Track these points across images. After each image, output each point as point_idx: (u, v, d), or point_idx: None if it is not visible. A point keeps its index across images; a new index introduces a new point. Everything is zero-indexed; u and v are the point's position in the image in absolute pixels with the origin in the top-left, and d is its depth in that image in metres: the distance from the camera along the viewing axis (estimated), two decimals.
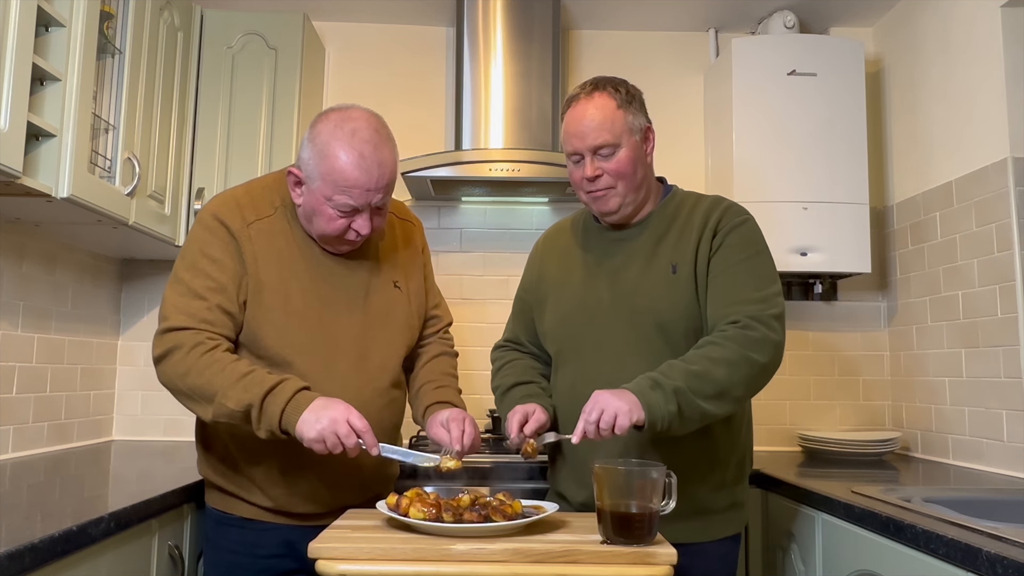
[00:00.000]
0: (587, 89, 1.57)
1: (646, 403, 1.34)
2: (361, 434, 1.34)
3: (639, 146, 1.57)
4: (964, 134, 2.30)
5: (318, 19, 2.82)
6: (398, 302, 1.64)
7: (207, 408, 1.40)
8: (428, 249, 1.80)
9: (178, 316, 1.44)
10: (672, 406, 1.34)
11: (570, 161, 1.59)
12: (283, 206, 1.58)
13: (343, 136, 1.46)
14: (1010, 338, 2.08)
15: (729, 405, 1.42)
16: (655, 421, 1.34)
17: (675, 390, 1.35)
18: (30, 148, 1.63)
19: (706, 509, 1.52)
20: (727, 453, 1.56)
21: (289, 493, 1.52)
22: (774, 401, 2.74)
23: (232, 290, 1.48)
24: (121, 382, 2.67)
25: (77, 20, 1.73)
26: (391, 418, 1.62)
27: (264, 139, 2.45)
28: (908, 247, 2.60)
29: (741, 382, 1.41)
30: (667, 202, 1.64)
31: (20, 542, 1.09)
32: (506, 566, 1.14)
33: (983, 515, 1.43)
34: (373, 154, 1.46)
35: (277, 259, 1.52)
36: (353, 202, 1.46)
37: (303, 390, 1.38)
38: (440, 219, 2.80)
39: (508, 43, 2.64)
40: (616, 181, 1.54)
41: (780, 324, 1.47)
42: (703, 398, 1.37)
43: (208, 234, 1.51)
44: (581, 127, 1.54)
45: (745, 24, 2.86)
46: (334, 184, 1.45)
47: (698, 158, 2.86)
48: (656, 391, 1.35)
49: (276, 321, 1.50)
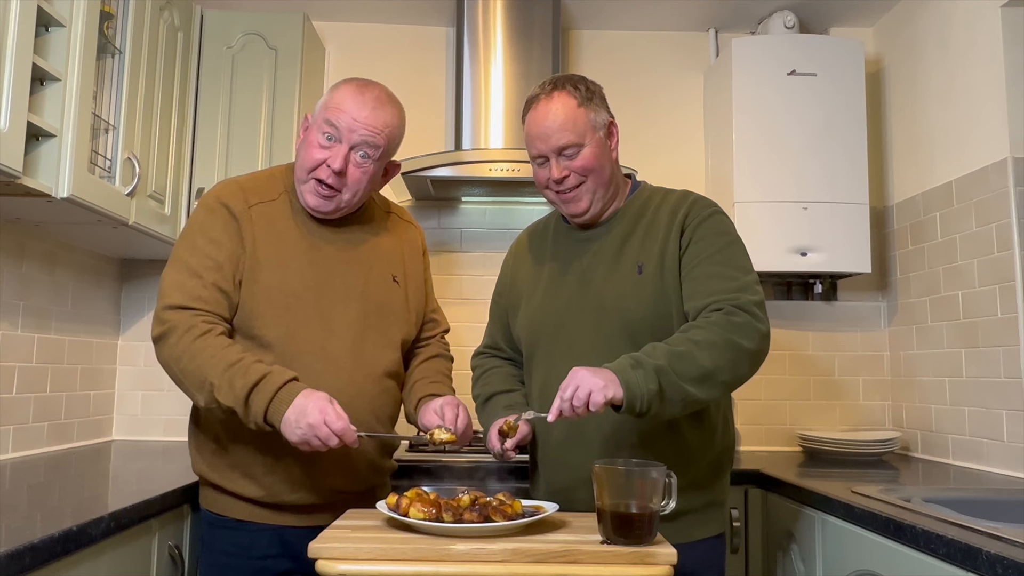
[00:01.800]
0: (546, 89, 1.54)
1: (624, 381, 1.30)
2: (340, 434, 1.34)
3: (603, 142, 1.54)
4: (964, 134, 2.30)
5: (318, 19, 2.83)
6: (396, 295, 1.65)
7: (199, 395, 1.42)
8: (428, 256, 1.81)
9: (174, 294, 1.47)
10: (653, 385, 1.31)
11: (534, 164, 1.57)
12: (287, 192, 1.61)
13: (355, 81, 1.58)
14: (1010, 338, 2.08)
15: (714, 390, 1.38)
16: (634, 400, 1.30)
17: (656, 369, 1.32)
18: (30, 148, 1.63)
19: (680, 510, 1.43)
20: (699, 452, 1.52)
21: (280, 479, 1.51)
22: (774, 401, 2.74)
23: (228, 269, 1.50)
24: (121, 382, 2.67)
25: (77, 20, 1.73)
26: (385, 408, 1.61)
27: (264, 139, 2.45)
28: (908, 247, 2.60)
29: (727, 366, 1.38)
30: (633, 200, 1.61)
31: (20, 542, 1.09)
32: (506, 566, 1.14)
33: (983, 515, 1.43)
34: (374, 99, 1.54)
35: (277, 240, 1.55)
36: (335, 122, 1.51)
37: (287, 384, 1.38)
38: (440, 219, 2.80)
39: (508, 43, 2.64)
40: (584, 177, 1.52)
41: (763, 312, 1.44)
42: (686, 380, 1.33)
43: (208, 214, 1.54)
44: (543, 128, 1.51)
45: (745, 24, 2.86)
46: (327, 107, 1.53)
47: (698, 158, 2.86)
48: (637, 370, 1.32)
49: (273, 299, 1.51)
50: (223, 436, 1.53)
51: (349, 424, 1.36)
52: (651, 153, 2.81)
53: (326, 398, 1.37)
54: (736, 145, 2.57)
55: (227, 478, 1.54)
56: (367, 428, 1.50)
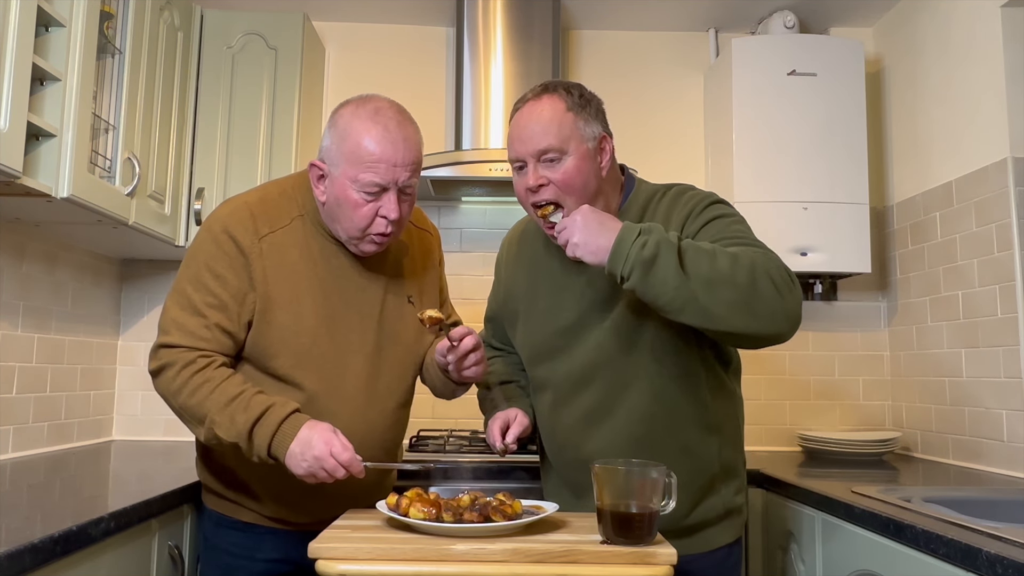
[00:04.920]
0: (536, 91, 1.44)
1: (619, 238, 1.23)
2: (346, 466, 1.32)
3: (590, 156, 1.40)
4: (964, 134, 2.30)
5: (318, 19, 2.82)
6: (410, 318, 1.58)
7: (199, 430, 1.40)
8: (444, 261, 1.75)
9: (175, 332, 1.42)
10: (648, 252, 1.21)
11: (514, 171, 1.44)
12: (301, 215, 1.51)
13: (365, 115, 1.42)
14: (1010, 338, 2.08)
15: (716, 304, 1.22)
16: (616, 261, 1.23)
17: (659, 242, 1.22)
18: (30, 148, 1.63)
19: (699, 521, 1.45)
20: (714, 461, 1.48)
21: (287, 505, 1.51)
22: (774, 401, 2.74)
23: (233, 308, 1.43)
24: (121, 382, 2.67)
25: (77, 20, 1.73)
26: (394, 438, 1.59)
27: (264, 139, 2.45)
28: (908, 247, 2.60)
29: (745, 285, 1.23)
30: (629, 204, 1.50)
31: (20, 542, 1.09)
32: (506, 566, 1.14)
33: (983, 515, 1.43)
34: (398, 129, 1.41)
35: (290, 274, 1.47)
36: (379, 179, 1.39)
37: (290, 416, 1.36)
38: (440, 219, 2.80)
39: (508, 43, 2.64)
40: (562, 195, 1.38)
41: (799, 289, 1.31)
42: (693, 275, 1.21)
43: (215, 247, 1.45)
44: (524, 130, 1.39)
45: (745, 24, 2.86)
46: (359, 161, 1.39)
47: (698, 158, 2.86)
48: (642, 235, 1.23)
49: (287, 340, 1.45)
50: (228, 456, 1.50)
51: (355, 455, 1.33)
52: (651, 153, 2.81)
53: (330, 429, 1.35)
54: (736, 145, 2.57)
55: (232, 490, 1.53)
56: (375, 460, 1.47)
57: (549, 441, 1.58)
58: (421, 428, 2.55)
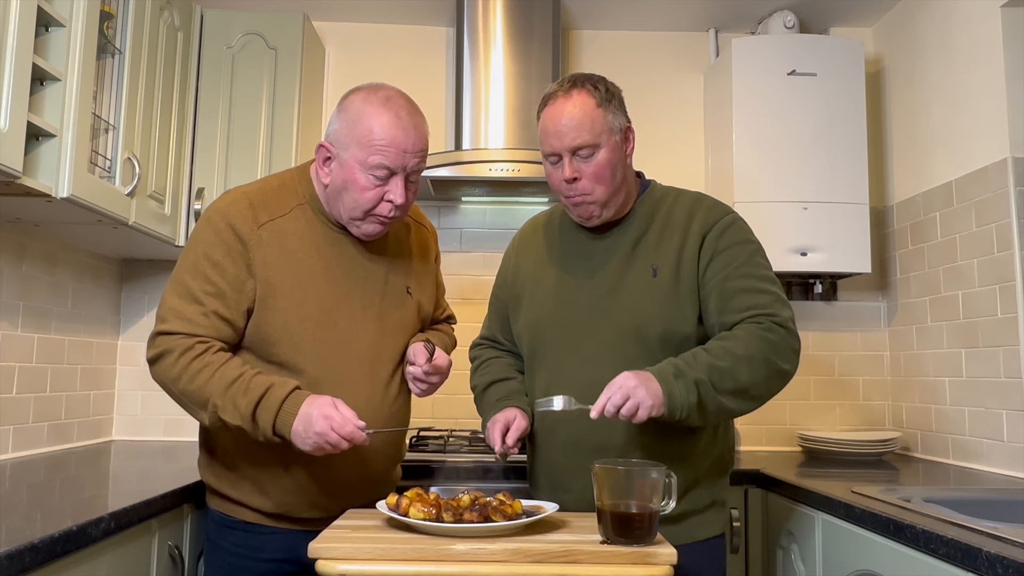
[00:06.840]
0: (565, 87, 1.51)
1: (668, 391, 1.34)
2: (348, 439, 1.35)
3: (619, 147, 1.51)
4: (964, 134, 2.30)
5: (318, 19, 2.82)
6: (409, 309, 1.62)
7: (202, 415, 1.41)
8: (440, 258, 1.78)
9: (172, 320, 1.43)
10: (693, 397, 1.35)
11: (547, 162, 1.53)
12: (301, 204, 1.53)
13: (378, 101, 1.46)
14: (1010, 338, 2.08)
15: (747, 403, 1.44)
16: (674, 411, 1.35)
17: (697, 381, 1.36)
18: (30, 148, 1.63)
19: (683, 511, 1.47)
20: (702, 453, 1.52)
21: (292, 498, 1.51)
22: (774, 401, 2.67)
23: (231, 296, 1.45)
24: (121, 382, 2.67)
25: (77, 20, 1.73)
26: (397, 424, 1.61)
27: (264, 139, 2.45)
28: (908, 247, 2.60)
29: (762, 383, 1.43)
30: (644, 200, 1.59)
31: (20, 542, 1.09)
32: (506, 566, 1.14)
33: (983, 515, 1.43)
34: (408, 116, 1.46)
35: (291, 262, 1.49)
36: (389, 163, 1.43)
37: (291, 395, 1.37)
38: (440, 219, 2.80)
39: (508, 43, 2.64)
40: (594, 187, 1.49)
41: (795, 327, 1.48)
42: (723, 393, 1.38)
43: (213, 235, 1.46)
44: (559, 127, 1.48)
45: (745, 24, 2.86)
46: (370, 145, 1.43)
47: (698, 158, 2.86)
48: (679, 380, 1.36)
49: (289, 326, 1.47)
50: (233, 450, 1.51)
51: (356, 427, 1.35)
52: (651, 153, 2.80)
53: (330, 403, 1.36)
54: (736, 145, 2.57)
55: (237, 488, 1.53)
56: (378, 447, 1.49)
57: (542, 422, 1.58)
58: (421, 428, 2.55)
